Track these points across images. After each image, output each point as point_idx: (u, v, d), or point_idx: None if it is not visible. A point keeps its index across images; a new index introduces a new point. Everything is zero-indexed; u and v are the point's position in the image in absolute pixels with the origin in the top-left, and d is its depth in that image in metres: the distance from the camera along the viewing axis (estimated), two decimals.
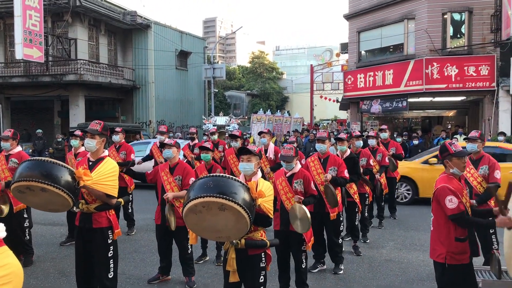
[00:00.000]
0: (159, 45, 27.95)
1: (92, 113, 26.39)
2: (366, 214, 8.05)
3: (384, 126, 10.59)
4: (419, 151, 14.99)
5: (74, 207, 4.37)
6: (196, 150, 9.11)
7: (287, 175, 5.19)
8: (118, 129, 8.75)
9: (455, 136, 16.57)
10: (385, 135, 10.00)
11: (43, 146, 19.56)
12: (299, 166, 5.27)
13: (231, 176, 3.51)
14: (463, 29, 17.83)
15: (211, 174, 3.59)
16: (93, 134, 4.56)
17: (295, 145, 8.04)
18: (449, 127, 20.64)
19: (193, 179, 5.58)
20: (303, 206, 4.79)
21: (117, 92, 27.07)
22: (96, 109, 27.84)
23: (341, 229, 6.32)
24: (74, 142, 7.50)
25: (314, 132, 17.03)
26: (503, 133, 13.53)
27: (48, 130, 24.44)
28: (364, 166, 7.73)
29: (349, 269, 6.45)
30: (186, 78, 31.87)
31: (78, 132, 7.53)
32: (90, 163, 4.59)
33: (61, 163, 4.03)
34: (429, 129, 22.13)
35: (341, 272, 6.28)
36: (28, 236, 6.66)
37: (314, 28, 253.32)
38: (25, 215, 6.58)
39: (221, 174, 3.58)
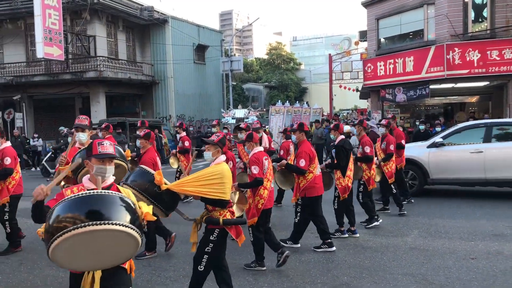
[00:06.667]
0: (176, 39, 28.04)
1: (113, 109, 26.68)
2: (361, 199, 8.08)
3: (383, 121, 10.06)
4: None
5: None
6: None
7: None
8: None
9: None
10: (382, 130, 9.51)
11: (66, 144, 19.79)
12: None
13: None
14: (485, 12, 17.41)
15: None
16: (83, 128, 5.52)
17: (279, 138, 8.73)
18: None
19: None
20: (232, 194, 5.51)
21: (137, 87, 27.30)
22: (117, 105, 28.14)
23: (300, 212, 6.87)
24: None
25: (333, 122, 16.94)
26: None
27: (70, 127, 24.77)
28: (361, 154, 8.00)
29: (374, 257, 6.40)
30: (204, 71, 31.94)
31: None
32: None
33: None
34: (451, 116, 21.75)
35: (322, 250, 6.67)
36: (9, 229, 6.88)
37: (332, 17, 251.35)
38: (6, 209, 6.81)
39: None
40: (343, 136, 7.36)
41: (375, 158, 8.24)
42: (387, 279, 5.54)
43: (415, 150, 11.05)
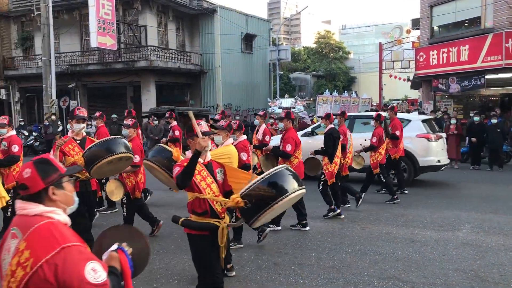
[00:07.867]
0: (225, 29, 28.15)
1: (163, 98, 27.18)
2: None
3: (374, 114, 10.21)
4: (498, 130, 14.14)
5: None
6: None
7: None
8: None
9: None
10: (372, 122, 9.70)
11: (118, 130, 20.46)
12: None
13: None
14: None
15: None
16: (84, 119, 5.82)
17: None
18: None
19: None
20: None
21: (186, 77, 27.69)
22: (166, 94, 28.64)
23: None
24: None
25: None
26: None
27: (122, 115, 25.50)
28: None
29: (423, 251, 6.24)
30: (252, 61, 31.93)
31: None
32: (78, 141, 5.68)
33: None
34: (508, 107, 20.75)
35: (297, 228, 7.34)
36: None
37: (382, 5, 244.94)
38: (10, 194, 6.79)
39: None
40: (332, 125, 8.06)
41: (348, 146, 8.66)
42: (437, 274, 5.39)
43: None
